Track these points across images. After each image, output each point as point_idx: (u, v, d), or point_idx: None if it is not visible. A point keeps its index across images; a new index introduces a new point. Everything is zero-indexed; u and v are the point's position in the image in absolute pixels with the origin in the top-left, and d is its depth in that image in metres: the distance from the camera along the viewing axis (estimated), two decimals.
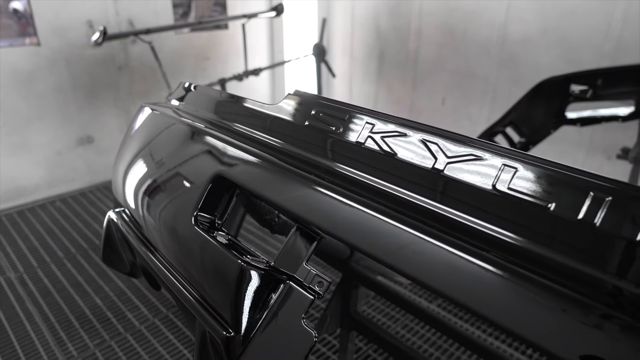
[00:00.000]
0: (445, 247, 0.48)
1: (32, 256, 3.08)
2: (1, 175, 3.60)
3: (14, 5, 3.61)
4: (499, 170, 0.48)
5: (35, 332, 2.41)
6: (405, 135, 0.56)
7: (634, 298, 0.38)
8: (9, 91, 3.46)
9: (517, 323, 0.44)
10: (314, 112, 0.66)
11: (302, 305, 0.55)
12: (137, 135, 0.98)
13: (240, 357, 0.56)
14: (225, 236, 0.68)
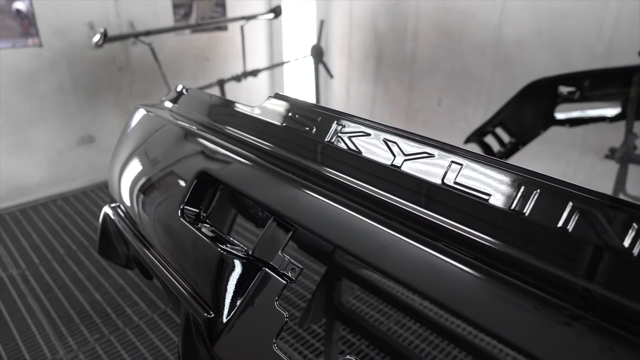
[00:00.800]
0: (401, 237, 0.54)
1: (34, 253, 3.15)
2: (4, 175, 3.67)
3: (17, 5, 3.67)
4: (448, 167, 0.53)
5: (37, 327, 2.47)
6: (369, 135, 0.62)
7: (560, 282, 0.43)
8: (11, 92, 3.52)
9: (462, 306, 0.49)
10: (290, 114, 0.72)
11: (276, 289, 0.61)
12: (131, 135, 1.03)
13: (219, 336, 0.62)
14: (209, 228, 0.73)
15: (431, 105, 4.25)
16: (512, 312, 0.46)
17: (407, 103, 4.43)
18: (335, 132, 0.65)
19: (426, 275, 0.51)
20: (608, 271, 0.42)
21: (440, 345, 2.27)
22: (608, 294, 0.41)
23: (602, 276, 0.43)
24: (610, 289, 0.41)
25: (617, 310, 0.40)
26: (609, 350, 0.40)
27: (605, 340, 0.41)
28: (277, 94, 0.77)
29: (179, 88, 1.12)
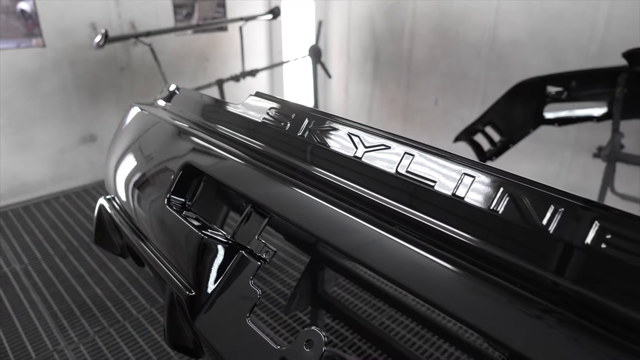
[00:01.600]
0: (361, 221, 0.60)
1: (37, 249, 3.22)
2: (8, 172, 3.75)
3: (21, 5, 3.75)
4: (401, 157, 0.59)
5: (39, 320, 2.54)
6: (336, 129, 0.68)
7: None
8: (15, 91, 3.60)
9: (416, 283, 0.55)
10: (268, 111, 0.78)
11: (252, 269, 0.67)
12: (125, 132, 1.10)
13: (200, 312, 0.68)
14: (193, 215, 0.79)
15: (428, 105, 4.30)
16: (462, 291, 0.52)
17: (405, 103, 4.49)
18: (306, 127, 0.71)
19: (382, 255, 0.57)
20: (534, 248, 0.48)
21: (414, 329, 2.39)
22: (551, 276, 0.45)
23: (531, 253, 0.48)
24: (556, 272, 0.45)
25: (578, 300, 0.42)
26: (574, 340, 0.41)
27: (571, 331, 0.43)
28: (258, 92, 0.83)
29: (171, 88, 1.18)
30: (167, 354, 2.30)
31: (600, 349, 0.40)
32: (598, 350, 0.40)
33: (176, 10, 4.96)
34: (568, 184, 3.53)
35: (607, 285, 0.42)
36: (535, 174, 3.70)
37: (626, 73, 2.04)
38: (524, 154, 3.76)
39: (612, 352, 0.40)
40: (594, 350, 0.41)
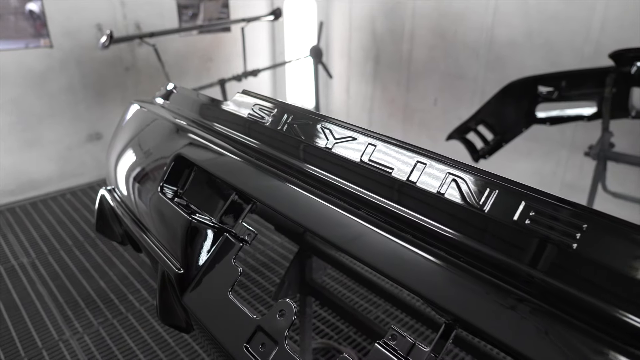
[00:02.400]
0: (329, 205, 0.67)
1: (44, 243, 3.31)
2: (17, 169, 3.85)
3: (30, 6, 3.85)
4: (365, 147, 0.66)
5: (45, 311, 2.63)
6: (310, 123, 0.75)
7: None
8: (24, 90, 3.70)
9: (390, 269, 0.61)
10: (253, 107, 0.85)
11: (234, 250, 0.74)
12: (126, 127, 1.18)
13: (187, 288, 0.75)
14: (183, 201, 0.87)
15: (427, 105, 4.36)
16: (413, 266, 0.59)
17: (405, 103, 4.55)
18: (285, 121, 0.78)
19: (347, 235, 0.64)
20: (488, 231, 0.54)
21: (398, 316, 2.53)
22: (507, 259, 0.50)
23: (476, 232, 0.55)
24: (509, 255, 0.50)
25: (536, 284, 0.46)
26: (543, 329, 0.45)
27: (542, 319, 0.46)
28: (244, 90, 0.90)
29: (169, 87, 1.25)
30: (167, 344, 2.38)
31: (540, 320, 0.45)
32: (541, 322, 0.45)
33: (182, 11, 5.06)
34: (564, 182, 3.58)
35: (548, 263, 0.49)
36: (531, 173, 3.75)
37: (614, 73, 2.09)
38: (520, 153, 3.81)
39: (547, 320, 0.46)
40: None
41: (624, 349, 0.40)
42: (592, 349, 0.42)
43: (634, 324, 0.40)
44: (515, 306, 0.47)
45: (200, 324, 0.71)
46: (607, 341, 0.41)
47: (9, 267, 3.04)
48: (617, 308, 0.41)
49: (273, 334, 0.62)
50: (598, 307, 0.43)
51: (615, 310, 0.41)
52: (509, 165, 3.88)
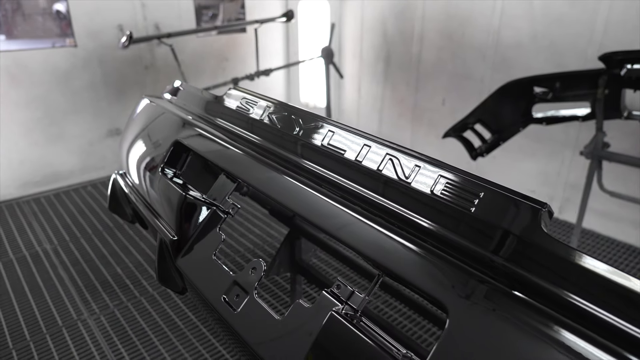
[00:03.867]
0: (295, 182, 0.80)
1: (65, 232, 3.52)
2: (42, 162, 4.08)
3: (57, 7, 4.07)
4: (325, 134, 0.79)
5: (66, 293, 2.82)
6: (284, 114, 0.88)
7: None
8: (50, 87, 3.93)
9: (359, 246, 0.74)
10: (241, 100, 0.99)
11: (219, 220, 0.88)
12: (137, 118, 1.33)
13: (180, 253, 0.89)
14: (180, 181, 1.01)
15: (436, 105, 4.44)
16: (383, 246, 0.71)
17: (414, 103, 4.64)
18: (265, 112, 0.91)
19: (311, 206, 0.77)
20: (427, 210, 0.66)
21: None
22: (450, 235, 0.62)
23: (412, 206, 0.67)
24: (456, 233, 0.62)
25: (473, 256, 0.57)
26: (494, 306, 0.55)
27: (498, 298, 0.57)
28: (235, 86, 1.04)
29: (176, 84, 1.40)
30: (177, 327, 2.54)
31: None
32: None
33: (202, 12, 5.26)
34: (568, 183, 3.63)
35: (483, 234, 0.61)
36: (536, 173, 3.81)
37: (605, 75, 2.16)
38: (525, 153, 3.87)
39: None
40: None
41: (497, 286, 0.51)
42: (475, 286, 0.54)
43: (507, 265, 0.52)
44: (425, 257, 0.59)
45: (190, 282, 0.85)
46: (487, 281, 0.53)
47: (33, 252, 3.26)
48: (494, 255, 0.53)
49: (245, 286, 0.75)
50: (483, 255, 0.54)
51: (493, 256, 0.53)
52: (514, 165, 3.95)
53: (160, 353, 2.35)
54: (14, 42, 3.90)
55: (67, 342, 2.43)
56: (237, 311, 0.73)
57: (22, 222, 3.68)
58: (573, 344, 0.47)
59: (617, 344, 0.46)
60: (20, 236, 3.47)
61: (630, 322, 0.47)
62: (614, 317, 0.48)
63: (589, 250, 3.28)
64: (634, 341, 0.47)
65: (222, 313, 0.73)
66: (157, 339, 2.44)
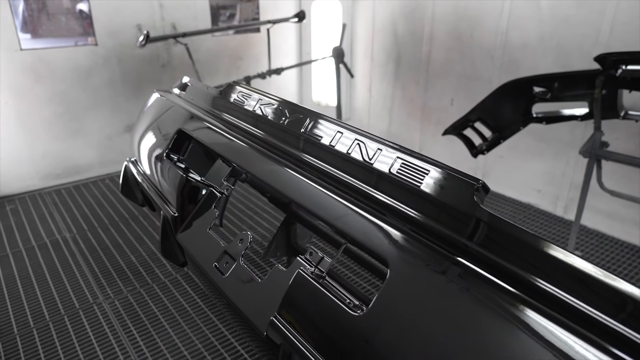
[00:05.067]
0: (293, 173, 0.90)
1: (84, 221, 3.69)
2: (64, 155, 4.28)
3: (80, 6, 4.26)
4: (304, 122, 0.89)
5: (83, 279, 2.98)
6: (272, 105, 0.98)
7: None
8: (71, 84, 4.11)
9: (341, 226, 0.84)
10: (236, 94, 1.10)
11: (215, 199, 0.99)
12: (147, 111, 1.45)
13: (180, 228, 1.00)
14: (182, 165, 1.12)
15: (444, 105, 4.50)
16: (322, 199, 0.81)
17: (423, 102, 4.71)
18: (257, 104, 1.02)
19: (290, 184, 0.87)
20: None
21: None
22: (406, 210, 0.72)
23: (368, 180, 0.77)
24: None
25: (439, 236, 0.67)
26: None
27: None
28: (234, 81, 1.15)
29: (185, 80, 1.52)
30: (186, 312, 2.67)
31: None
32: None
33: (220, 12, 5.41)
34: (573, 183, 3.66)
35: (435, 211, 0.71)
36: (542, 173, 3.85)
37: (602, 76, 2.22)
38: (532, 153, 3.91)
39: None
40: None
41: (432, 247, 0.61)
42: (413, 246, 0.64)
43: (444, 230, 0.61)
44: (380, 227, 0.69)
45: (188, 254, 0.96)
46: (425, 243, 0.63)
47: (53, 240, 3.43)
48: (435, 222, 0.62)
49: (233, 255, 0.86)
50: (426, 223, 0.64)
51: (434, 223, 0.62)
52: (520, 165, 3.99)
53: (170, 336, 2.48)
54: (39, 41, 4.09)
55: (83, 323, 2.58)
56: (225, 276, 0.83)
57: (43, 212, 3.86)
58: (489, 297, 0.57)
59: (530, 296, 0.55)
60: (42, 225, 3.65)
61: (542, 277, 0.56)
62: (532, 275, 0.58)
63: (591, 250, 3.32)
64: (539, 291, 0.56)
65: (213, 278, 0.84)
66: (167, 323, 2.58)
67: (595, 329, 0.51)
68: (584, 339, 0.51)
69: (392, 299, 0.62)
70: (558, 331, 0.52)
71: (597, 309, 0.53)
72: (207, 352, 2.37)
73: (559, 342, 0.51)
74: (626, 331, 0.51)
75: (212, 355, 2.34)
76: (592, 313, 0.53)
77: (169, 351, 2.37)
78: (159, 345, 2.41)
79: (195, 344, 2.43)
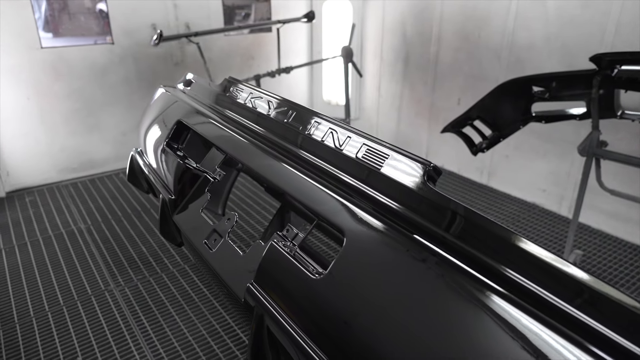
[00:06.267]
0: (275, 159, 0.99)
1: (98, 213, 3.84)
2: (81, 150, 4.44)
3: (100, 6, 4.42)
4: (287, 113, 0.98)
5: (95, 267, 3.11)
6: (261, 98, 1.07)
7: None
8: (89, 81, 4.27)
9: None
10: (231, 88, 1.19)
11: (209, 183, 1.08)
12: (153, 105, 1.55)
13: (176, 210, 1.10)
14: (181, 153, 1.22)
15: (451, 105, 4.55)
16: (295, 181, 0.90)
17: (431, 102, 4.76)
18: (248, 98, 1.11)
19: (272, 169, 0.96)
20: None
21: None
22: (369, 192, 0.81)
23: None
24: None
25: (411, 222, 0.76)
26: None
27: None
28: (230, 77, 1.24)
29: (189, 76, 1.62)
30: (193, 300, 2.78)
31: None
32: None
33: (236, 12, 5.54)
34: (577, 183, 3.67)
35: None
36: (547, 173, 3.88)
37: (599, 75, 2.25)
38: (537, 153, 3.94)
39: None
40: None
41: (385, 221, 0.69)
42: (368, 220, 0.72)
43: (397, 207, 0.69)
44: (343, 204, 0.77)
45: (183, 233, 1.05)
46: (379, 218, 0.71)
47: (69, 230, 3.58)
48: (390, 199, 0.70)
49: (221, 232, 0.95)
50: (384, 202, 0.72)
51: (388, 201, 0.70)
52: (526, 165, 4.02)
53: (176, 322, 2.60)
54: (60, 40, 4.26)
55: (95, 308, 2.71)
56: (213, 251, 0.92)
57: (60, 204, 4.02)
58: (432, 263, 0.64)
59: (478, 270, 0.63)
60: (59, 216, 3.81)
61: (480, 250, 0.63)
62: (474, 250, 0.65)
63: (593, 250, 3.34)
64: (486, 266, 0.63)
65: (202, 253, 0.93)
66: (173, 310, 2.69)
67: (541, 305, 0.56)
68: (523, 310, 0.58)
69: (345, 265, 0.70)
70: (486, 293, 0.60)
71: (535, 283, 0.59)
72: (210, 337, 2.47)
73: (496, 307, 0.58)
74: (577, 313, 0.56)
75: (215, 341, 2.45)
76: (528, 285, 0.60)
77: (175, 336, 2.48)
78: (165, 331, 2.53)
79: (199, 329, 2.53)
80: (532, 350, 0.53)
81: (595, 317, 0.53)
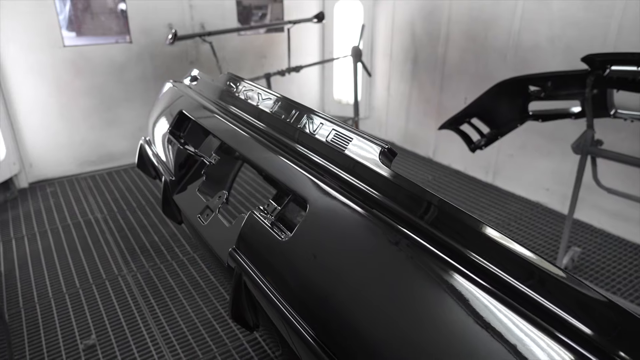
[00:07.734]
0: (253, 140, 1.11)
1: (114, 204, 4.03)
2: (99, 143, 4.64)
3: (121, 6, 4.61)
4: (273, 104, 1.10)
5: (110, 254, 3.29)
6: (252, 90, 1.20)
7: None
8: (108, 78, 4.47)
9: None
10: (229, 82, 1.32)
11: (204, 166, 1.21)
12: (161, 99, 1.70)
13: (176, 189, 1.23)
14: (182, 140, 1.35)
15: (459, 104, 4.61)
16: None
17: (438, 102, 4.84)
18: (242, 90, 1.24)
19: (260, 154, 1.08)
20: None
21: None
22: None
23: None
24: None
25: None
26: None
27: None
28: (229, 72, 1.37)
29: (194, 73, 1.76)
30: (200, 287, 2.93)
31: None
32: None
33: (253, 12, 5.70)
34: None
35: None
36: (550, 172, 3.93)
37: (592, 76, 2.32)
38: (541, 152, 3.99)
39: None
40: None
41: (342, 192, 0.81)
42: (326, 190, 0.84)
43: (354, 181, 0.81)
44: (317, 185, 0.89)
45: (181, 210, 1.19)
46: (337, 189, 0.83)
47: (87, 219, 3.77)
48: (349, 175, 0.82)
49: (212, 208, 1.08)
50: (345, 178, 0.84)
51: (348, 176, 0.82)
52: (530, 164, 4.08)
53: (184, 306, 2.74)
54: (82, 39, 4.47)
55: (108, 292, 2.88)
56: (205, 224, 1.05)
57: (79, 195, 4.23)
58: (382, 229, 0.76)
59: (408, 228, 0.74)
60: (77, 206, 4.01)
61: (440, 232, 0.74)
62: (429, 227, 0.76)
63: (594, 248, 3.39)
64: (442, 243, 0.73)
65: (196, 226, 1.06)
66: (182, 295, 2.84)
67: (488, 278, 0.65)
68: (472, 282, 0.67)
69: (307, 228, 0.82)
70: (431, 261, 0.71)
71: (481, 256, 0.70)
72: (215, 321, 2.61)
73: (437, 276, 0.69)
74: (525, 289, 0.65)
75: (220, 325, 2.59)
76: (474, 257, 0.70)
77: (182, 319, 2.63)
78: (174, 314, 2.68)
79: (205, 314, 2.68)
80: (483, 323, 0.61)
81: (542, 294, 0.62)
